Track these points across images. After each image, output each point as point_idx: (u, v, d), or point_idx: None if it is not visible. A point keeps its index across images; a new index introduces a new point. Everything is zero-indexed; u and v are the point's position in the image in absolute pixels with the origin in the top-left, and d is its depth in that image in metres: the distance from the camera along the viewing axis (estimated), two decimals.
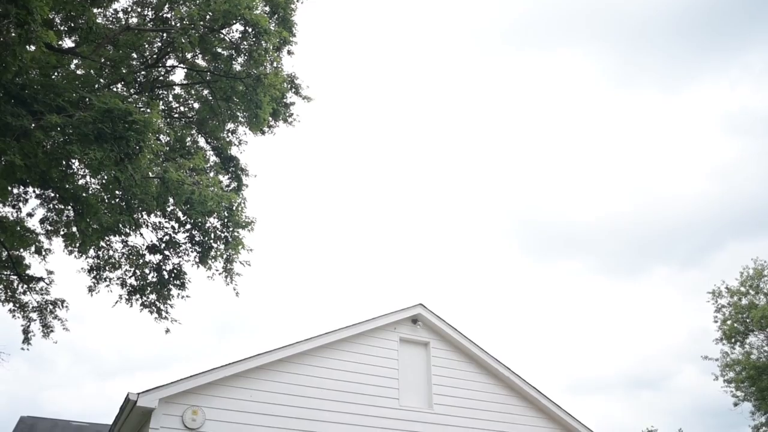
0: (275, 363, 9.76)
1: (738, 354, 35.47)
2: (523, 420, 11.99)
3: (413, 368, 11.27)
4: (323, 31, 20.68)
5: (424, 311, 11.50)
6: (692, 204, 70.38)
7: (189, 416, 8.76)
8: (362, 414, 10.20)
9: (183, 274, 11.22)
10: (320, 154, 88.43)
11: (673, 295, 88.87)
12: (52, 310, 12.19)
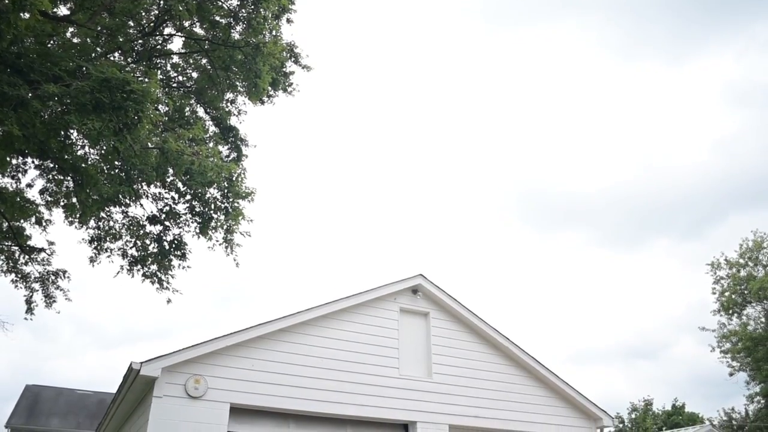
0: (276, 333, 9.84)
1: (735, 325, 35.82)
2: (521, 389, 12.15)
3: (413, 338, 11.37)
4: (323, 1, 20.33)
5: (424, 282, 11.56)
6: (693, 175, 70.21)
7: (191, 385, 8.86)
8: (363, 383, 10.32)
9: (183, 244, 11.24)
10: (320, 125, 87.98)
11: (672, 267, 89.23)
12: (54, 281, 12.25)
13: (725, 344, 35.95)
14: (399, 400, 10.55)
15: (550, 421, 12.21)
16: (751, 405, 35.48)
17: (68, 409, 34.61)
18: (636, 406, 47.64)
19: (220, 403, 9.00)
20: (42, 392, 35.47)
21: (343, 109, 63.89)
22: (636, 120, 58.03)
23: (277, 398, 9.49)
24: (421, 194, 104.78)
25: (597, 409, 12.76)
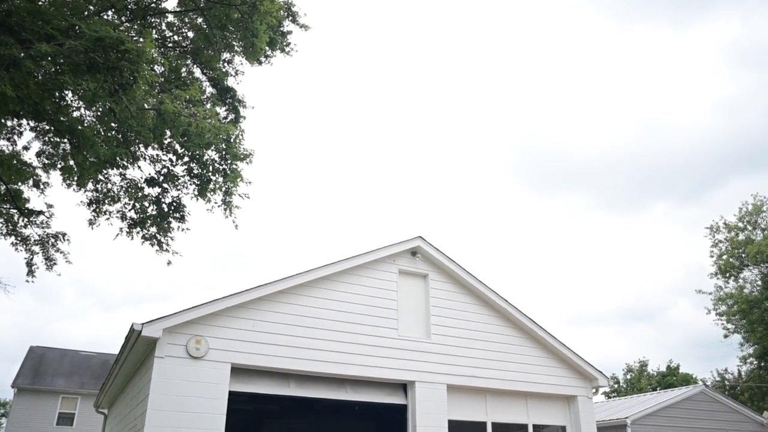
0: (276, 294, 9.91)
1: (731, 288, 36.11)
2: (518, 350, 12.31)
3: (412, 299, 11.46)
4: None
5: (423, 244, 11.59)
6: (694, 138, 69.73)
7: (192, 345, 8.96)
8: (362, 344, 10.44)
9: (182, 207, 11.22)
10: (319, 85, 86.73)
11: (671, 231, 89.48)
12: (54, 244, 12.24)
13: (721, 307, 36.32)
14: (398, 361, 10.69)
15: (546, 381, 12.41)
16: (744, 366, 36.08)
17: (72, 370, 35.17)
18: (631, 367, 48.47)
19: (221, 363, 9.12)
20: (46, 353, 35.99)
21: (342, 69, 62.98)
22: (637, 81, 57.34)
23: (278, 358, 9.61)
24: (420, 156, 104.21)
25: (593, 370, 12.95)
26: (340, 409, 15.26)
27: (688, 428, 18.91)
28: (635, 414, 18.27)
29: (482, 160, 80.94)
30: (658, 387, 41.11)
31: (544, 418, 12.50)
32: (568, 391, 12.68)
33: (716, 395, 20.71)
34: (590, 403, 12.94)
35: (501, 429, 11.87)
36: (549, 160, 75.64)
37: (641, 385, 44.00)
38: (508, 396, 12.05)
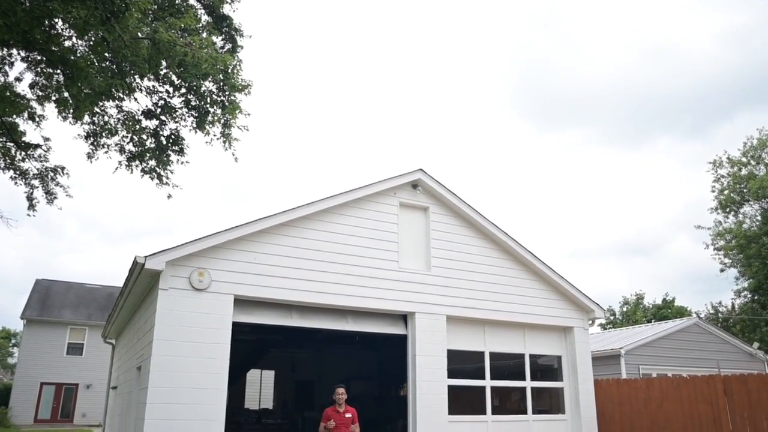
0: (278, 227, 9.93)
1: (731, 223, 36.30)
2: (517, 282, 12.47)
3: (412, 232, 11.51)
4: None
5: (424, 176, 11.53)
6: (703, 71, 68.23)
7: (195, 277, 9.05)
8: (363, 275, 10.56)
9: (181, 139, 11.08)
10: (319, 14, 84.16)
11: (673, 167, 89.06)
12: (53, 177, 12.17)
13: (719, 242, 36.63)
14: (398, 292, 10.85)
15: (543, 313, 12.65)
16: (738, 299, 36.74)
17: (79, 302, 35.90)
18: (628, 300, 49.39)
19: (224, 294, 9.24)
20: (52, 286, 36.63)
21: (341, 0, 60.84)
22: (645, 8, 55.58)
23: (280, 290, 9.74)
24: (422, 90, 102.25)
25: (589, 302, 13.17)
26: (342, 339, 15.67)
27: (680, 358, 19.44)
28: (629, 345, 18.74)
29: (482, 94, 79.46)
30: (653, 319, 42.03)
31: (541, 348, 12.82)
32: (564, 323, 12.94)
33: (709, 327, 21.18)
34: (586, 334, 13.23)
35: (499, 358, 12.19)
36: (553, 93, 74.33)
37: (637, 317, 44.96)
38: (506, 327, 12.31)
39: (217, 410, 8.74)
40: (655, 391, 13.30)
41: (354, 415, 8.82)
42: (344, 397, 8.85)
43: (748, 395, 11.50)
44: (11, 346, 63.63)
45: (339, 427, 8.62)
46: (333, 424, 8.62)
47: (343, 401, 8.82)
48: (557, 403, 12.91)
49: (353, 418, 8.79)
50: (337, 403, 8.79)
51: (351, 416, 8.77)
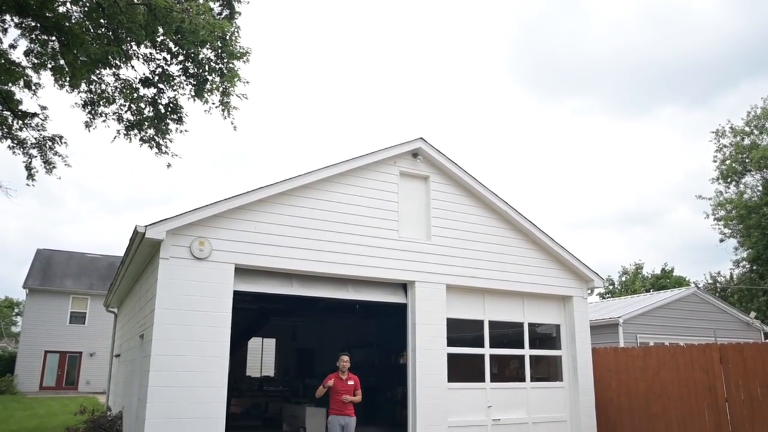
0: (278, 196, 9.91)
1: (732, 194, 36.26)
2: (516, 251, 12.50)
3: (413, 201, 11.49)
4: None
5: (425, 145, 11.46)
6: (709, 38, 67.30)
7: (196, 247, 9.07)
8: (363, 245, 10.57)
9: (179, 108, 10.99)
10: None
11: (676, 136, 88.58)
12: (51, 147, 12.11)
13: (719, 212, 36.65)
14: (398, 261, 10.88)
15: (543, 282, 12.70)
16: (737, 270, 36.91)
17: (80, 271, 36.10)
18: (627, 270, 49.65)
19: (225, 264, 9.27)
20: (53, 256, 36.80)
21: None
22: None
23: (280, 259, 9.77)
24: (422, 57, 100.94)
25: (588, 271, 13.22)
26: (343, 307, 15.78)
27: (678, 327, 19.63)
28: (627, 314, 18.90)
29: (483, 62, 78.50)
30: (651, 289, 42.31)
31: (540, 316, 12.92)
32: (563, 292, 13.01)
33: (707, 297, 21.33)
34: (585, 303, 13.32)
35: (498, 327, 12.30)
36: (557, 61, 73.39)
37: (635, 287, 45.27)
38: (505, 296, 12.38)
39: (220, 378, 8.85)
40: (652, 360, 13.45)
41: (356, 383, 8.94)
42: (348, 364, 8.96)
43: (744, 363, 11.63)
44: (15, 315, 64.23)
45: (341, 393, 8.74)
46: (331, 383, 8.74)
47: (347, 369, 8.93)
48: (555, 371, 13.07)
49: (356, 385, 8.91)
50: (341, 370, 8.91)
51: (353, 384, 8.89)
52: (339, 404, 8.74)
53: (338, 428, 8.67)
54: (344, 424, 8.71)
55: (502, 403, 11.78)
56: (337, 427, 8.67)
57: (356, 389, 8.90)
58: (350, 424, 8.75)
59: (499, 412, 11.66)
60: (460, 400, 11.17)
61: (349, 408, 8.79)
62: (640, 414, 13.49)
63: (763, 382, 11.24)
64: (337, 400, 8.76)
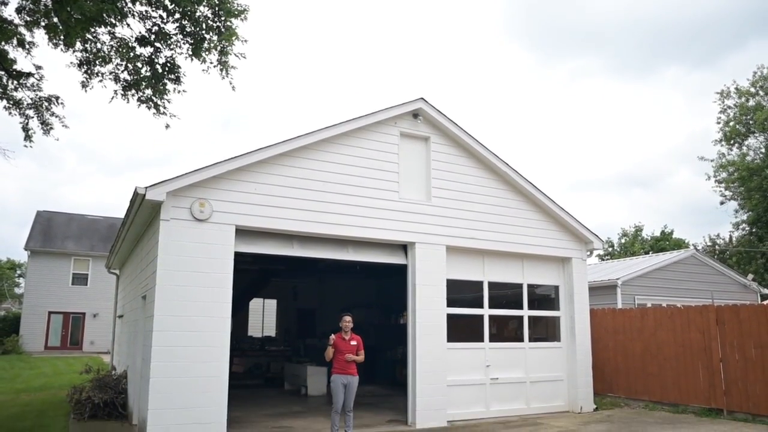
0: (278, 157, 9.85)
1: (734, 156, 36.07)
2: (517, 213, 12.51)
3: (413, 162, 11.43)
4: None
5: (425, 105, 11.33)
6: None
7: (197, 208, 9.06)
8: (363, 206, 10.56)
9: (177, 67, 10.78)
10: None
11: (679, 97, 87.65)
12: (48, 107, 11.97)
13: (721, 174, 36.52)
14: (399, 222, 10.89)
15: (542, 243, 12.75)
16: (736, 232, 36.99)
17: (81, 233, 36.22)
18: (626, 232, 49.80)
19: (226, 225, 9.28)
20: (54, 218, 36.85)
21: None
22: None
23: (281, 220, 9.77)
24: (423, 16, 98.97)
25: (588, 233, 13.25)
26: (343, 268, 15.89)
27: (675, 289, 19.78)
28: (626, 275, 19.02)
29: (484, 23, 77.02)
30: (650, 251, 42.49)
31: (539, 278, 13.01)
32: (563, 253, 13.07)
33: (705, 259, 21.44)
34: (584, 264, 13.39)
35: (497, 288, 12.39)
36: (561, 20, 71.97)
37: (634, 249, 45.46)
38: (505, 257, 12.44)
39: (222, 337, 8.96)
40: (649, 321, 13.60)
41: (359, 343, 9.05)
42: (351, 325, 9.05)
43: (740, 324, 11.76)
44: (17, 277, 64.73)
45: (343, 353, 8.86)
46: (333, 339, 8.88)
47: (350, 329, 9.03)
48: (553, 331, 13.23)
49: (358, 345, 9.02)
50: (344, 330, 9.00)
51: (356, 344, 9.00)
52: (342, 363, 8.86)
53: (341, 387, 8.81)
54: (347, 383, 8.85)
55: (501, 363, 11.96)
56: (339, 386, 8.81)
57: (359, 349, 9.01)
58: (353, 383, 8.90)
59: (497, 372, 11.86)
60: (459, 360, 11.34)
61: (351, 367, 8.92)
62: (636, 373, 13.72)
63: (758, 343, 11.39)
64: (339, 359, 8.88)
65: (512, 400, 12.00)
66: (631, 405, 13.50)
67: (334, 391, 8.86)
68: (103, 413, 10.94)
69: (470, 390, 11.46)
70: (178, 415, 8.41)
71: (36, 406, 12.76)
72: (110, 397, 11.13)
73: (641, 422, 11.17)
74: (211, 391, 8.71)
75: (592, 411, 12.65)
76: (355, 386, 8.94)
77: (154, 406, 8.33)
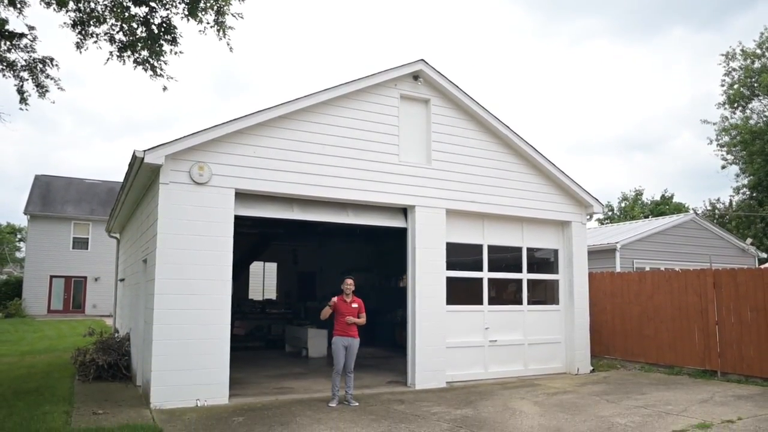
0: (277, 119, 9.76)
1: (737, 119, 35.78)
2: (517, 176, 12.46)
3: (413, 125, 11.32)
4: None
5: (425, 67, 11.17)
6: None
7: (196, 171, 9.02)
8: (363, 169, 10.51)
9: (173, 28, 10.57)
10: None
11: (684, 59, 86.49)
12: (43, 69, 11.79)
13: (724, 137, 36.30)
14: (398, 185, 10.85)
15: (542, 207, 12.74)
16: (737, 196, 36.96)
17: (80, 197, 36.20)
18: (626, 196, 49.79)
19: (225, 188, 9.25)
20: (52, 182, 36.78)
21: None
22: None
23: (281, 183, 9.73)
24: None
25: (588, 196, 13.23)
26: (343, 232, 15.94)
27: (674, 253, 19.86)
28: (625, 239, 19.08)
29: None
30: (650, 215, 42.55)
31: (539, 241, 13.04)
32: (562, 217, 13.07)
33: (705, 223, 21.47)
34: (583, 228, 13.41)
35: (496, 251, 12.43)
36: None
37: (634, 213, 45.50)
38: (504, 220, 12.44)
39: (223, 300, 9.02)
40: (647, 284, 13.70)
41: (360, 306, 9.18)
42: (352, 287, 9.18)
43: (737, 288, 11.85)
44: (18, 241, 64.96)
45: (345, 315, 8.97)
46: (335, 300, 9.00)
47: (351, 292, 9.14)
48: (552, 294, 13.33)
49: (360, 308, 9.14)
50: (345, 293, 9.12)
51: (357, 306, 9.13)
52: (343, 326, 8.99)
53: (342, 349, 8.95)
54: (347, 345, 8.99)
55: (499, 325, 12.09)
56: (340, 348, 8.95)
57: (360, 312, 9.13)
58: (353, 345, 9.04)
59: (496, 334, 11.99)
60: (458, 322, 11.45)
61: (352, 329, 9.05)
62: (633, 336, 13.89)
63: (754, 306, 11.50)
64: (341, 321, 8.99)
65: (510, 362, 12.17)
66: (628, 367, 13.71)
67: (335, 352, 8.99)
68: (108, 375, 11.11)
69: (469, 352, 11.60)
70: (181, 376, 8.54)
71: (41, 368, 12.95)
72: (114, 359, 11.29)
73: (637, 383, 11.35)
74: (214, 352, 8.82)
75: (588, 373, 12.85)
76: (356, 348, 9.07)
77: (158, 368, 8.45)
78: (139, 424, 7.20)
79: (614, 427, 7.47)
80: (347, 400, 8.95)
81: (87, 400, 8.99)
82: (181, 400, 8.48)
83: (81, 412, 8.05)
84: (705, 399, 9.55)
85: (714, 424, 7.65)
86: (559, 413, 8.38)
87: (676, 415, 8.26)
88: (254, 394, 9.65)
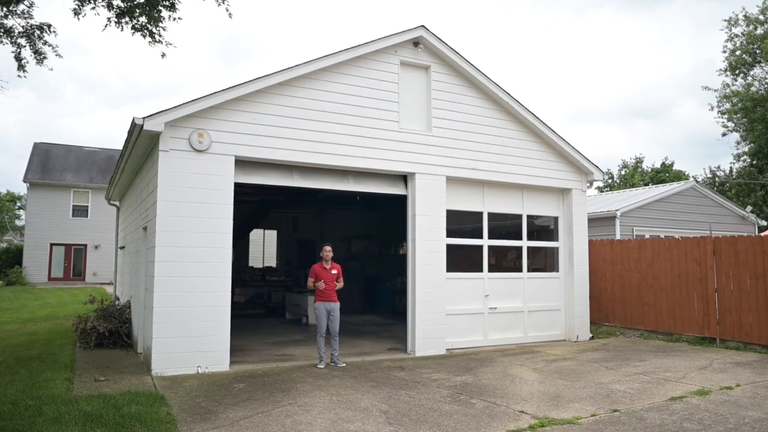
0: (276, 86, 9.65)
1: (739, 86, 35.46)
2: (517, 143, 12.38)
3: (413, 92, 11.20)
4: None
5: (426, 33, 10.99)
6: None
7: (195, 139, 8.95)
8: (363, 136, 10.43)
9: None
10: None
11: (687, 27, 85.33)
12: (40, 35, 11.60)
13: (725, 104, 36.03)
14: (399, 153, 10.79)
15: (542, 174, 12.69)
16: (737, 164, 36.85)
17: (79, 165, 36.05)
18: (627, 164, 49.65)
19: (225, 156, 9.19)
20: (52, 150, 36.58)
21: None
22: None
23: (280, 151, 9.67)
24: None
25: (588, 164, 13.17)
26: (343, 199, 15.91)
27: (674, 221, 19.89)
28: (625, 207, 19.08)
29: None
30: (650, 183, 42.49)
31: (539, 209, 13.03)
32: (562, 184, 13.03)
33: (705, 191, 21.44)
34: (583, 196, 13.39)
35: (497, 219, 12.43)
36: None
37: (634, 180, 45.44)
38: (505, 188, 12.41)
39: (224, 267, 9.05)
40: (647, 252, 13.74)
41: (339, 271, 9.70)
42: (331, 254, 9.66)
43: (736, 255, 11.88)
44: (17, 209, 64.93)
45: (326, 282, 9.45)
46: (323, 286, 9.44)
47: (330, 258, 9.59)
48: (552, 261, 13.38)
49: (338, 274, 9.66)
50: (324, 260, 9.60)
51: (336, 272, 9.64)
52: (324, 291, 9.43)
53: (324, 312, 9.46)
54: (330, 309, 9.51)
55: (499, 293, 12.16)
56: (323, 311, 9.46)
57: (338, 277, 9.66)
58: (335, 309, 9.56)
59: (495, 301, 12.07)
60: (458, 290, 11.51)
61: (333, 294, 9.55)
62: (632, 303, 13.99)
63: (753, 273, 11.55)
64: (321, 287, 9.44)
65: (510, 329, 12.28)
66: (627, 334, 13.84)
67: (319, 317, 9.50)
68: (109, 342, 11.21)
69: (469, 319, 11.70)
70: (182, 343, 8.61)
71: (42, 336, 13.06)
72: (115, 326, 11.37)
73: (635, 350, 11.48)
74: (214, 319, 8.89)
75: (588, 340, 12.98)
76: (338, 311, 9.59)
77: (159, 335, 8.52)
78: (141, 391, 7.29)
79: (613, 394, 7.57)
80: (334, 361, 9.42)
81: (88, 367, 9.08)
82: (182, 367, 8.58)
83: (83, 379, 8.14)
84: (704, 366, 9.66)
85: (712, 390, 7.75)
86: (559, 380, 8.49)
87: (675, 381, 8.36)
88: (255, 361, 9.76)
